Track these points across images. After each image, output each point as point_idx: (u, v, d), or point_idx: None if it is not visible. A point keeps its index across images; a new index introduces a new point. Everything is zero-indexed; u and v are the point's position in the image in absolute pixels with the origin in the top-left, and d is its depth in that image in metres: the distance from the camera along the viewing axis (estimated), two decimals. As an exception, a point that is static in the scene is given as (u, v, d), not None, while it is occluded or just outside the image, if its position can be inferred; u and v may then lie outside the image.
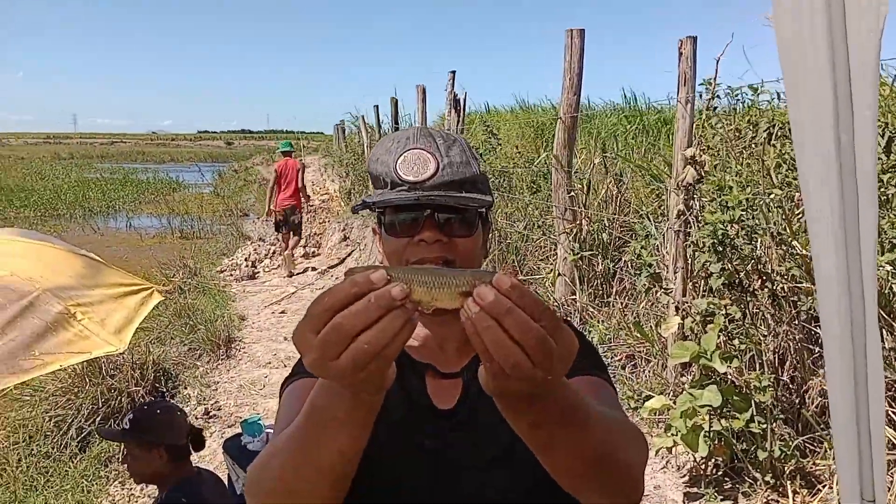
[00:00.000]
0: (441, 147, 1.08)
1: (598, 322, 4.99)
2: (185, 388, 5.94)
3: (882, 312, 2.94)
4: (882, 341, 2.89)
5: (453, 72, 8.88)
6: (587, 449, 0.77)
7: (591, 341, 1.14)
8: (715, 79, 3.94)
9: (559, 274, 5.73)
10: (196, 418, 5.35)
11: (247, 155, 51.48)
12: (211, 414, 5.48)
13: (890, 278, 2.81)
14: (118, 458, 4.74)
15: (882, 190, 2.73)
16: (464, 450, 1.03)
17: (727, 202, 3.14)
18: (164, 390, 5.76)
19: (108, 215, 19.63)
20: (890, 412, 2.84)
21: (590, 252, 5.51)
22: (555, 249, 6.01)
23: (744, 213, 3.13)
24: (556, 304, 5.58)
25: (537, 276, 6.47)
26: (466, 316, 0.64)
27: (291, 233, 10.37)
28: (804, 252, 3.18)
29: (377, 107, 15.80)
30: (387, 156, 1.08)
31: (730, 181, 3.34)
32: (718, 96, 4.01)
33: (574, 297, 5.49)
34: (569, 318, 5.38)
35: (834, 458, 1.09)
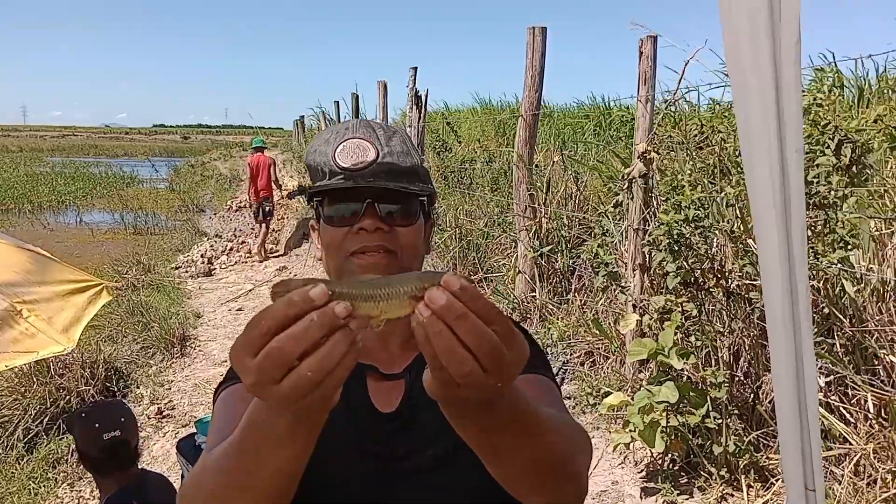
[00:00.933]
0: (381, 137, 1.05)
1: (558, 319, 5.02)
2: (138, 387, 5.80)
3: (834, 309, 3.01)
4: (833, 337, 2.97)
5: (415, 68, 8.84)
6: (535, 455, 0.75)
7: (535, 339, 1.13)
8: (680, 81, 3.99)
9: (519, 271, 5.75)
10: (149, 418, 5.23)
11: (204, 150, 50.53)
12: (164, 413, 5.35)
13: (840, 275, 2.89)
14: (66, 460, 4.60)
15: (832, 192, 2.79)
16: (407, 453, 1.00)
17: (681, 202, 3.18)
18: (116, 390, 5.62)
19: (59, 210, 19.08)
20: (842, 407, 2.91)
21: (549, 249, 5.54)
22: (515, 247, 6.03)
23: (698, 211, 3.17)
24: (516, 301, 5.60)
25: (497, 274, 6.49)
26: (417, 321, 0.60)
27: (264, 218, 11.05)
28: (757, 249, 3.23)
29: (337, 102, 15.70)
30: (325, 146, 1.05)
31: (682, 181, 3.38)
32: (685, 99, 4.05)
33: (534, 294, 5.51)
34: (527, 315, 5.41)
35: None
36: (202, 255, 10.97)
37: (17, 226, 15.66)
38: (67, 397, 5.21)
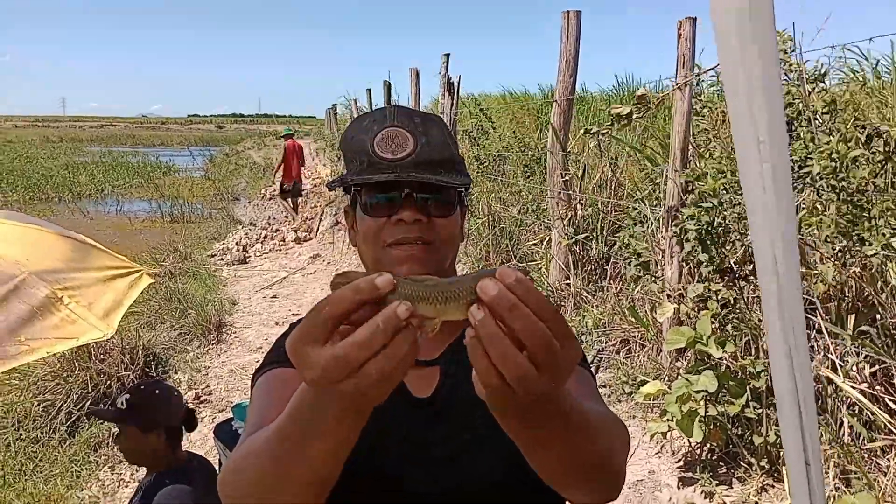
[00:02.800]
0: (420, 126, 1.03)
1: (592, 307, 4.96)
2: (176, 372, 5.90)
3: (878, 297, 2.92)
4: (875, 323, 2.88)
5: (447, 55, 8.78)
6: (578, 452, 0.74)
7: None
8: (693, 62, 3.88)
9: (553, 258, 5.70)
10: (186, 403, 5.31)
11: (238, 139, 51.16)
12: (202, 399, 5.44)
13: (884, 263, 2.79)
14: (108, 443, 4.70)
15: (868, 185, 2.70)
16: (442, 438, 1.00)
17: (706, 191, 3.10)
18: (155, 375, 5.72)
19: (98, 199, 19.45)
20: (887, 398, 2.82)
21: (584, 236, 5.47)
22: (549, 234, 5.98)
23: (722, 201, 3.08)
24: (550, 289, 5.55)
25: (532, 262, 6.44)
26: (471, 332, 0.59)
27: (294, 198, 12.50)
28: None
29: (369, 90, 15.69)
30: (363, 134, 1.04)
31: (706, 168, 3.29)
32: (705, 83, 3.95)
33: (568, 281, 5.46)
34: (562, 303, 5.36)
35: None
36: (237, 243, 11.10)
37: (59, 214, 16.02)
38: (108, 382, 5.31)
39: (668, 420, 3.12)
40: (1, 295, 2.80)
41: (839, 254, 2.88)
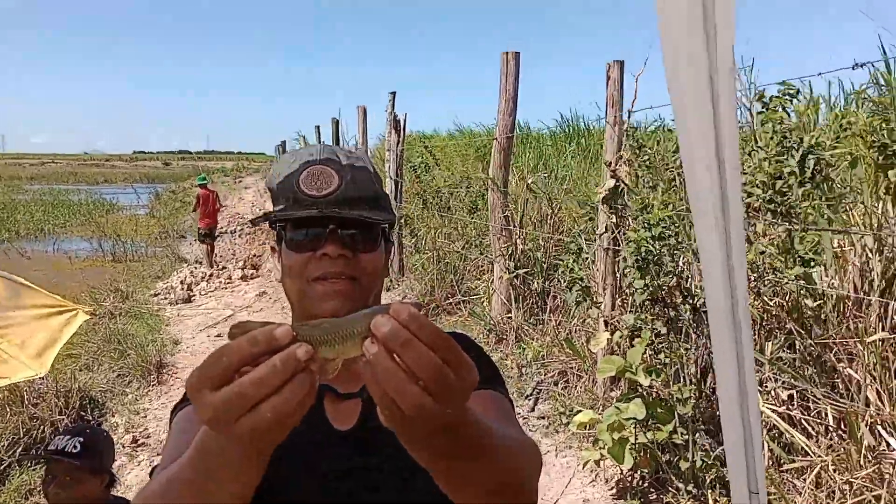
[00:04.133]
0: (344, 164, 1.06)
1: (533, 340, 5.06)
2: (113, 415, 5.74)
3: (794, 325, 3.09)
4: (792, 349, 3.04)
5: (393, 93, 8.96)
6: (490, 478, 0.76)
7: (488, 355, 1.15)
8: (634, 101, 4.09)
9: (495, 293, 5.80)
10: (123, 447, 5.17)
11: (185, 176, 50.37)
12: (140, 442, 5.30)
13: (799, 291, 2.96)
14: (38, 491, 4.54)
15: (787, 206, 2.88)
16: (365, 469, 1.01)
17: (649, 220, 3.26)
18: (90, 419, 5.56)
19: (37, 238, 18.87)
20: (804, 420, 2.97)
21: (525, 271, 5.60)
22: (492, 269, 6.09)
23: (665, 230, 3.24)
24: (492, 322, 5.64)
25: (475, 296, 6.53)
26: (366, 362, 0.61)
27: (210, 242, 12.82)
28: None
29: (318, 127, 15.82)
30: (289, 171, 1.06)
31: (651, 199, 3.46)
32: (638, 120, 4.16)
33: (510, 315, 5.56)
34: (503, 336, 5.45)
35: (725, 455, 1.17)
36: (181, 282, 10.91)
37: (-6, 254, 15.49)
38: (41, 427, 5.14)
39: (600, 448, 3.21)
40: (-75, 337, 2.74)
41: (754, 283, 3.04)
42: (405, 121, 8.98)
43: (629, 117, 4.05)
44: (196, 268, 12.37)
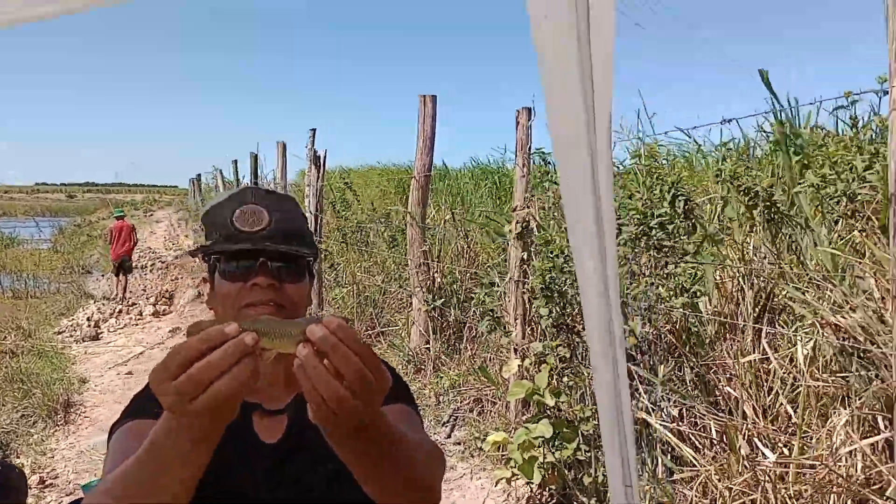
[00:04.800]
0: (274, 203, 1.20)
1: (450, 369, 5.25)
2: (18, 456, 5.51)
3: (677, 343, 3.41)
4: (681, 370, 3.35)
5: (313, 129, 9.07)
6: (399, 470, 0.93)
7: (400, 375, 1.30)
8: (530, 145, 4.43)
9: (414, 324, 5.98)
10: (31, 488, 4.98)
11: (92, 209, 48.27)
12: (47, 483, 5.12)
13: (685, 318, 3.29)
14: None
15: (669, 241, 3.23)
16: (291, 478, 1.14)
17: (552, 251, 3.54)
18: (-7, 459, 5.33)
19: (-75, 274, 17.67)
20: (691, 434, 3.27)
21: (441, 302, 5.81)
22: (411, 301, 6.27)
23: (567, 261, 3.53)
24: (411, 353, 5.80)
25: (394, 327, 6.68)
26: (298, 359, 0.74)
27: (124, 275, 12.78)
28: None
29: (236, 161, 15.65)
30: (223, 209, 1.18)
31: (554, 235, 3.76)
32: (550, 162, 4.49)
33: (428, 346, 5.74)
34: (422, 366, 5.62)
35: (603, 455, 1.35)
36: (88, 319, 10.53)
37: None
38: (-62, 470, 4.89)
39: (511, 467, 3.41)
40: None
41: (645, 312, 3.35)
42: (325, 157, 9.11)
43: (530, 160, 4.37)
44: (104, 304, 11.95)
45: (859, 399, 2.69)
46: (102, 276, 16.46)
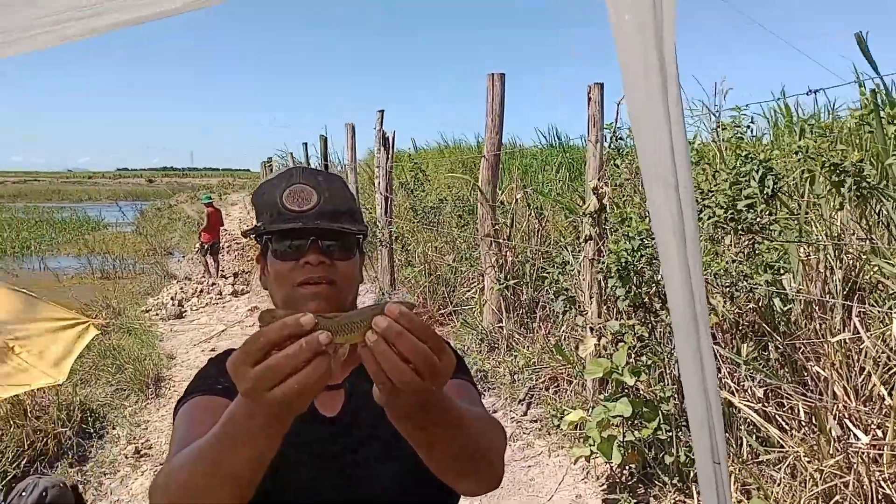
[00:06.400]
0: (322, 182, 1.22)
1: (524, 348, 5.27)
2: (114, 427, 5.86)
3: (767, 326, 3.32)
4: (766, 350, 3.27)
5: (381, 111, 9.17)
6: (462, 445, 0.93)
7: (457, 350, 1.36)
8: (616, 121, 4.33)
9: (486, 303, 6.01)
10: (126, 458, 5.30)
11: (170, 193, 50.28)
12: (142, 453, 5.43)
13: (769, 295, 3.20)
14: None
15: (758, 218, 3.12)
16: (350, 450, 1.17)
17: (628, 232, 3.49)
18: (92, 431, 5.68)
19: (23, 256, 18.84)
20: (777, 416, 3.20)
21: (514, 282, 5.81)
22: (482, 280, 6.30)
23: (644, 241, 3.48)
24: (484, 331, 5.84)
25: (466, 306, 6.73)
26: (366, 344, 0.75)
27: (213, 257, 13.60)
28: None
29: (306, 144, 15.98)
30: (273, 189, 1.21)
31: (630, 213, 3.70)
32: (621, 137, 4.40)
33: (501, 324, 5.77)
34: (495, 345, 5.65)
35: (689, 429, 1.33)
36: (172, 298, 11.02)
37: (-18, 272, 15.48)
38: (45, 440, 5.25)
39: (590, 445, 3.41)
40: (-49, 347, 2.90)
41: (727, 289, 3.28)
42: (394, 138, 9.20)
43: (610, 138, 4.29)
44: (186, 284, 12.47)
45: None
46: (184, 257, 17.16)
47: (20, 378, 2.92)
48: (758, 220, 3.12)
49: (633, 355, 3.64)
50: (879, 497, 2.69)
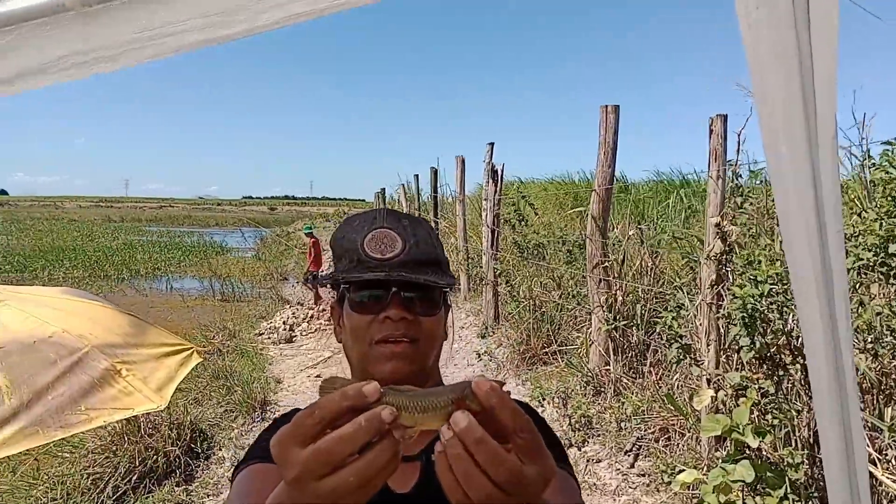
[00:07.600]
0: (407, 227, 1.09)
1: (632, 394, 4.94)
2: (220, 449, 6.01)
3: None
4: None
5: (492, 144, 9.14)
6: None
7: (553, 430, 1.12)
8: (738, 153, 4.01)
9: (593, 344, 5.72)
10: (229, 480, 5.40)
11: (289, 220, 52.77)
12: (243, 477, 5.52)
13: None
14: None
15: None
16: None
17: (756, 276, 3.17)
18: (199, 451, 5.85)
19: (154, 277, 20.19)
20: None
21: (624, 323, 5.51)
22: (589, 319, 6.03)
23: (774, 286, 3.14)
24: (589, 374, 5.55)
25: (572, 346, 6.46)
26: (439, 447, 0.61)
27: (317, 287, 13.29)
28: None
29: (417, 175, 16.23)
30: (354, 234, 1.09)
31: (759, 255, 3.37)
32: (739, 175, 4.06)
33: (608, 367, 5.47)
34: (601, 389, 5.35)
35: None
36: (284, 322, 11.36)
37: (116, 291, 16.68)
38: (155, 457, 5.45)
39: (705, 511, 3.08)
40: (66, 366, 3.01)
41: (869, 345, 2.89)
42: (503, 171, 9.13)
43: (734, 174, 3.97)
44: (297, 309, 12.85)
45: None
46: (297, 283, 17.78)
47: (125, 402, 2.98)
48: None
49: (755, 412, 3.29)
50: None
